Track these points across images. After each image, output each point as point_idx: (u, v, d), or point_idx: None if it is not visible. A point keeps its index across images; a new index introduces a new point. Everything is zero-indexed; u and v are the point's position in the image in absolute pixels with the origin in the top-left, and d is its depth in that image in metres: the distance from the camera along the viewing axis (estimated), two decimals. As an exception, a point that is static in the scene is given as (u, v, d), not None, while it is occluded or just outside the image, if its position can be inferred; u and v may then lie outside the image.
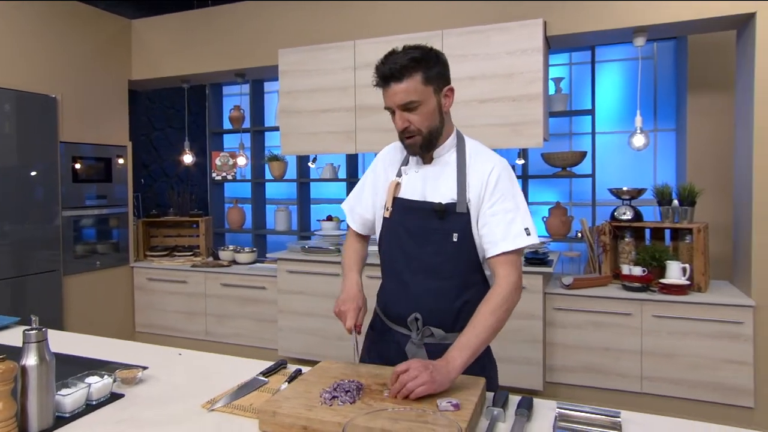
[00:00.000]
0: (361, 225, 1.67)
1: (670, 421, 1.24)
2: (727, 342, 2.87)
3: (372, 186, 1.64)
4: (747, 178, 2.92)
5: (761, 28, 2.75)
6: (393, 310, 1.54)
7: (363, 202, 1.66)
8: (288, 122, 3.74)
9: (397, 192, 1.53)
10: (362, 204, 1.66)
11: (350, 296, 1.50)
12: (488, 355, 1.55)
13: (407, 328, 1.50)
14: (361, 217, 1.67)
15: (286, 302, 3.73)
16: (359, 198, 1.68)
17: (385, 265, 1.59)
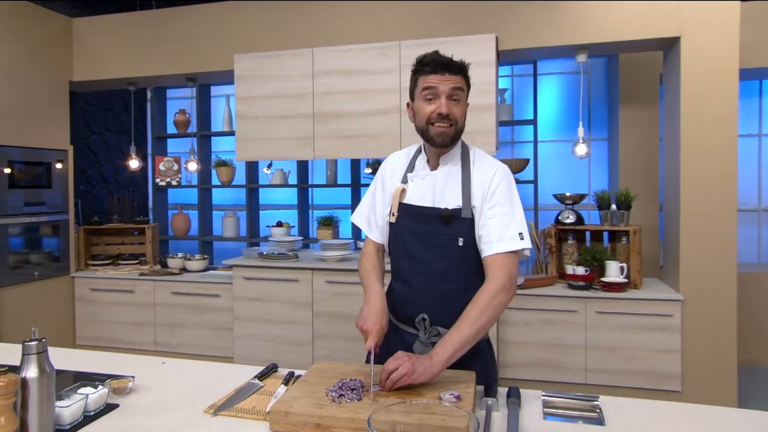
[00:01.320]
0: (380, 234, 1.69)
1: (642, 403, 1.39)
2: (659, 333, 3.16)
3: (382, 194, 1.69)
4: (675, 186, 3.23)
5: (685, 50, 3.07)
6: (401, 311, 1.60)
7: (378, 212, 1.69)
8: (244, 128, 3.71)
9: (403, 198, 1.60)
10: (377, 213, 1.69)
11: (375, 313, 1.49)
12: (491, 353, 1.64)
13: (415, 327, 1.57)
14: (377, 226, 1.69)
15: (242, 309, 3.69)
16: (373, 208, 1.71)
17: (393, 267, 1.66)
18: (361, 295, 3.60)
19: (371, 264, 1.66)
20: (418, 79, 1.54)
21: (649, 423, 1.27)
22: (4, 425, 1.10)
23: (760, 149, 4.51)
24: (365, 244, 1.73)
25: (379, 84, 3.46)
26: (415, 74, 1.55)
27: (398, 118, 3.46)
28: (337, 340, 3.52)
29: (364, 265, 1.68)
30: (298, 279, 3.58)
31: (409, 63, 3.38)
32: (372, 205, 1.71)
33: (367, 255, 1.70)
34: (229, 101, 4.91)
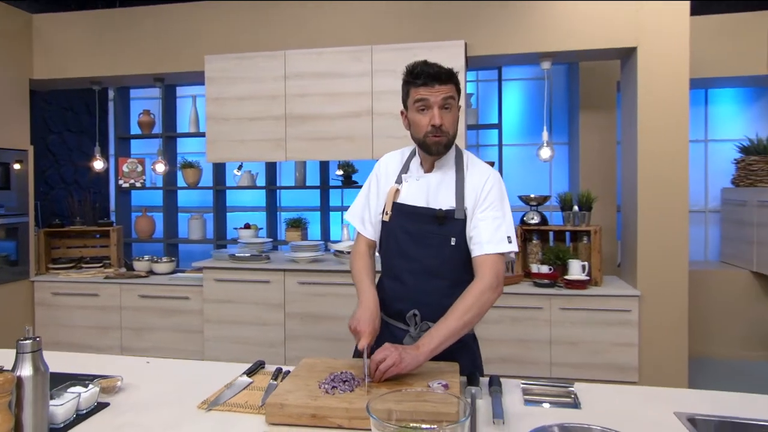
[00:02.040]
0: (373, 231, 1.74)
1: (612, 388, 1.50)
2: (618, 328, 3.33)
3: (376, 194, 1.74)
4: (633, 189, 3.42)
5: (642, 60, 3.26)
6: (392, 307, 1.65)
7: (372, 210, 1.74)
8: (215, 129, 3.70)
9: (396, 197, 1.66)
10: (371, 211, 1.74)
11: (368, 315, 1.52)
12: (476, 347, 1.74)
13: (405, 323, 1.63)
14: (371, 224, 1.74)
15: (212, 311, 3.67)
16: (367, 206, 1.75)
17: (384, 264, 1.71)
18: (334, 295, 3.65)
19: (364, 264, 1.69)
20: (410, 90, 1.58)
21: (620, 404, 1.38)
22: (1, 423, 1.10)
23: (706, 154, 4.81)
24: (357, 242, 1.77)
25: (352, 87, 3.52)
26: (406, 85, 1.59)
27: (370, 120, 3.53)
28: (310, 341, 3.55)
29: (356, 265, 1.71)
30: (270, 280, 3.59)
31: (381, 67, 3.48)
32: (366, 203, 1.76)
33: (359, 253, 1.73)
34: (196, 102, 4.86)
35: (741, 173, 4.42)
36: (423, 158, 1.66)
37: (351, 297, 3.48)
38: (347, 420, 1.24)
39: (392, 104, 3.51)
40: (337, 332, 3.52)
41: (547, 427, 1.25)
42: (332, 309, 3.52)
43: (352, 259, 1.74)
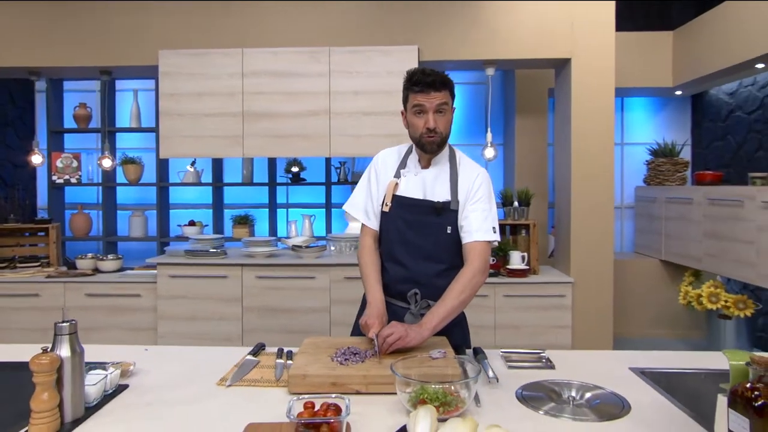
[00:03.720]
0: (376, 222, 1.88)
1: (576, 353, 1.76)
2: (554, 312, 3.68)
3: (376, 186, 1.89)
4: (566, 186, 3.78)
5: (575, 70, 3.63)
6: (394, 288, 1.82)
7: (374, 201, 1.88)
8: (169, 125, 3.67)
9: (396, 190, 1.82)
10: (373, 202, 1.88)
11: (376, 313, 1.68)
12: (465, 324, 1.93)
13: (406, 301, 1.80)
14: (374, 214, 1.88)
15: (167, 308, 3.64)
16: (369, 199, 1.89)
17: (385, 250, 1.86)
18: (291, 288, 3.74)
19: (372, 262, 1.84)
20: (409, 95, 1.75)
21: (585, 364, 1.63)
22: (47, 400, 1.16)
23: (622, 156, 5.35)
24: (363, 236, 1.91)
25: (310, 86, 3.63)
26: (406, 90, 1.76)
27: (327, 119, 3.65)
28: (268, 334, 3.61)
29: (364, 260, 1.86)
30: (228, 275, 3.62)
31: (339, 68, 3.61)
32: (368, 195, 1.90)
33: (366, 248, 1.88)
34: (137, 97, 4.75)
35: (651, 173, 4.97)
36: (420, 155, 1.84)
37: (309, 290, 3.61)
38: (364, 386, 1.39)
39: (349, 104, 3.66)
40: (295, 324, 3.62)
41: (536, 383, 1.47)
42: (290, 302, 3.62)
43: (361, 254, 1.88)
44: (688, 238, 4.31)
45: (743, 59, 3.82)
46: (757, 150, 4.36)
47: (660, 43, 4.67)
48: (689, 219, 4.28)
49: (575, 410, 1.32)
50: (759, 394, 1.00)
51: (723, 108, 4.81)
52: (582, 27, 3.61)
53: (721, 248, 3.87)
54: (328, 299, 3.61)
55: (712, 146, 4.95)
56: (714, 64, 4.15)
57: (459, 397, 1.25)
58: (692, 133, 5.26)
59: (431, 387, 1.26)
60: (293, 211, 5.04)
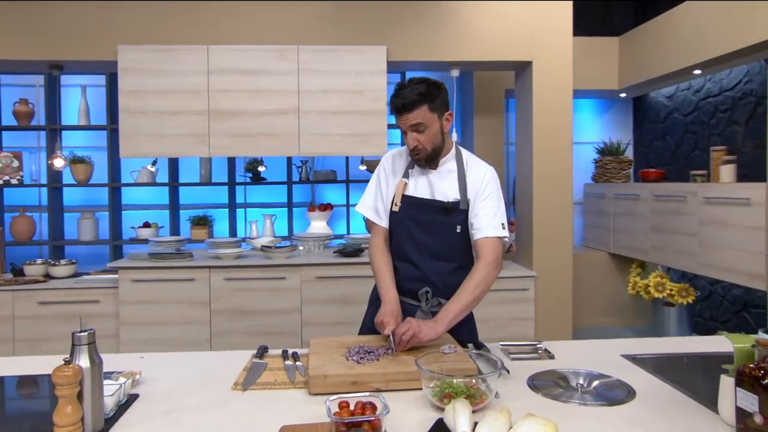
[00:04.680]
0: (387, 222, 1.91)
1: (569, 343, 1.86)
2: (518, 305, 3.83)
3: (385, 185, 1.92)
4: (528, 184, 3.94)
5: (537, 72, 3.79)
6: (405, 286, 1.84)
7: (385, 201, 1.91)
8: (130, 123, 3.51)
9: (405, 191, 1.85)
10: (384, 203, 1.91)
11: (390, 311, 1.71)
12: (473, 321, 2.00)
13: (417, 299, 1.82)
14: (386, 213, 1.91)
15: (130, 314, 3.49)
16: (380, 198, 1.92)
17: (396, 249, 1.89)
18: (261, 289, 3.69)
19: (385, 261, 1.87)
20: (392, 114, 1.81)
21: (581, 353, 1.73)
22: (71, 414, 1.11)
23: (573, 154, 5.60)
24: (375, 235, 1.93)
25: (278, 85, 3.58)
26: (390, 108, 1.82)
27: (296, 118, 3.62)
28: (238, 336, 3.55)
29: (378, 260, 1.88)
30: (195, 278, 3.52)
31: (308, 67, 3.60)
32: (378, 195, 1.93)
33: (378, 247, 1.90)
34: (86, 92, 4.50)
35: (599, 171, 5.25)
36: None
37: (279, 291, 3.58)
38: (384, 383, 1.42)
39: (318, 103, 3.65)
40: (265, 326, 3.57)
41: (544, 372, 1.55)
42: (260, 303, 3.56)
43: (373, 254, 1.90)
44: (635, 231, 4.59)
45: (683, 66, 4.12)
46: (694, 149, 4.70)
47: (607, 48, 4.94)
48: (636, 214, 4.57)
49: (585, 397, 1.40)
50: (765, 372, 1.11)
51: (662, 110, 5.15)
52: (542, 31, 3.77)
53: (666, 241, 4.16)
54: (299, 299, 3.59)
55: (653, 145, 5.30)
56: (656, 70, 4.44)
57: (483, 390, 1.31)
58: (634, 133, 5.60)
59: (455, 381, 1.31)
60: (253, 211, 4.95)
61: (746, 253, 3.36)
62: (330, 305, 3.60)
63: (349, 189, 4.85)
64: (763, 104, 3.93)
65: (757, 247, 3.28)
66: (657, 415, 1.27)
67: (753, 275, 3.33)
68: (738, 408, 1.16)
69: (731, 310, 4.40)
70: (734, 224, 3.46)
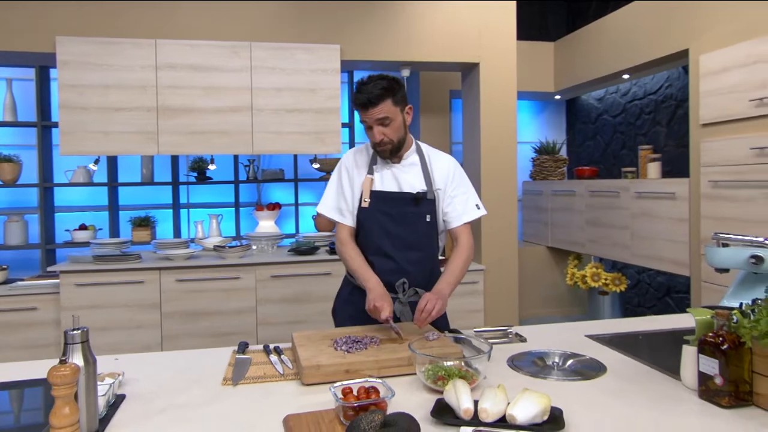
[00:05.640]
0: (352, 219, 1.94)
1: (536, 327, 1.97)
2: (469, 297, 3.97)
3: (348, 184, 1.95)
4: (476, 181, 4.09)
5: (483, 73, 3.95)
6: (381, 278, 1.85)
7: (347, 200, 1.94)
8: (71, 119, 3.33)
9: (373, 186, 1.89)
10: (347, 201, 1.94)
11: (381, 294, 1.75)
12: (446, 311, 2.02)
13: (393, 291, 1.85)
14: (350, 212, 1.94)
15: (72, 320, 3.31)
16: (342, 197, 1.95)
17: (367, 243, 1.92)
18: (214, 290, 3.63)
19: (355, 252, 1.92)
20: (357, 109, 1.85)
21: (550, 336, 1.85)
22: (69, 415, 1.08)
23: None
24: (339, 231, 1.96)
25: (231, 82, 3.52)
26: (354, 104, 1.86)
27: (249, 116, 3.57)
28: (190, 339, 3.45)
29: (348, 253, 1.92)
30: (144, 280, 3.39)
31: (261, 65, 3.57)
32: (340, 194, 1.97)
33: (345, 242, 1.94)
34: (11, 86, 4.20)
35: (536, 169, 5.53)
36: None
37: (233, 291, 3.52)
38: (377, 370, 1.46)
39: (272, 101, 3.62)
40: (219, 327, 3.50)
41: (521, 353, 1.65)
42: (213, 304, 3.49)
43: (341, 248, 1.94)
44: (572, 226, 4.88)
45: (613, 70, 4.43)
46: (622, 148, 5.06)
47: (543, 52, 5.21)
48: (572, 209, 4.85)
49: (562, 373, 1.51)
50: (723, 339, 1.26)
51: (592, 112, 5.50)
52: (487, 34, 3.94)
53: (601, 234, 4.45)
54: (254, 299, 3.54)
55: (585, 145, 5.64)
56: (589, 73, 4.74)
57: (473, 371, 1.38)
58: (567, 133, 5.94)
59: (446, 364, 1.37)
60: (197, 211, 4.81)
61: (672, 242, 3.68)
62: (285, 304, 3.58)
63: (298, 188, 4.82)
64: (683, 107, 4.31)
65: (682, 237, 3.60)
66: (628, 386, 1.40)
67: (678, 263, 3.65)
68: (700, 372, 1.30)
69: (656, 296, 4.78)
70: (662, 216, 3.77)
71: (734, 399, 1.25)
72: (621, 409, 1.26)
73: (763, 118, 2.97)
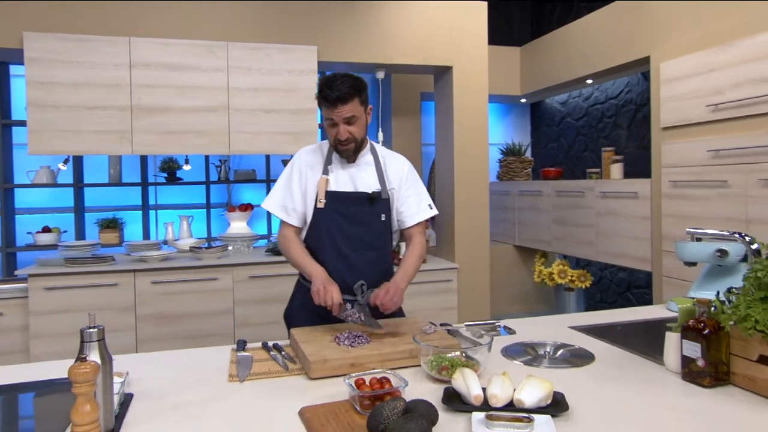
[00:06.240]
0: (297, 219, 1.94)
1: (521, 320, 2.06)
2: (443, 295, 4.06)
3: (299, 184, 1.94)
4: (449, 182, 4.19)
5: (457, 76, 4.04)
6: (337, 280, 1.84)
7: (295, 199, 1.94)
8: (40, 117, 3.22)
9: (328, 186, 1.91)
10: (295, 201, 1.94)
11: (327, 278, 1.78)
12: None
13: (351, 293, 1.86)
14: (295, 211, 1.94)
15: (43, 325, 3.21)
16: (290, 196, 1.94)
17: (323, 245, 1.92)
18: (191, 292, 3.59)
19: (300, 247, 1.93)
20: (321, 106, 1.85)
21: (537, 328, 1.94)
22: (90, 412, 1.08)
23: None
24: (284, 229, 1.96)
25: (207, 81, 3.49)
26: (318, 101, 1.86)
27: (226, 116, 3.55)
28: (166, 342, 3.40)
29: (293, 248, 1.93)
30: (118, 283, 3.32)
31: (238, 65, 3.56)
32: (287, 193, 1.95)
33: (291, 239, 1.94)
34: (-30, 82, 4.03)
35: (503, 170, 5.69)
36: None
37: (210, 292, 3.50)
38: (380, 363, 1.51)
39: (249, 101, 3.61)
40: (196, 329, 3.46)
41: (513, 344, 1.73)
42: (190, 306, 3.45)
43: (286, 244, 1.94)
44: (538, 225, 5.05)
45: (578, 75, 4.62)
46: (584, 150, 5.28)
47: (510, 57, 5.38)
48: (539, 209, 5.02)
49: (554, 362, 1.60)
50: (704, 324, 1.37)
51: (556, 115, 5.70)
52: (460, 38, 4.04)
53: (567, 232, 4.63)
54: (232, 300, 3.52)
55: (548, 147, 5.85)
56: (554, 78, 4.93)
57: (474, 361, 1.45)
58: (532, 135, 6.13)
59: (448, 355, 1.44)
60: (166, 213, 4.73)
61: (635, 239, 3.87)
62: (263, 305, 3.57)
63: (270, 189, 4.80)
64: (642, 111, 4.53)
65: (644, 234, 3.79)
66: (617, 371, 1.50)
67: (641, 259, 3.84)
68: (683, 356, 1.41)
69: (617, 291, 5.00)
70: (625, 215, 3.97)
71: (714, 379, 1.36)
72: (613, 392, 1.36)
73: (718, 123, 3.18)
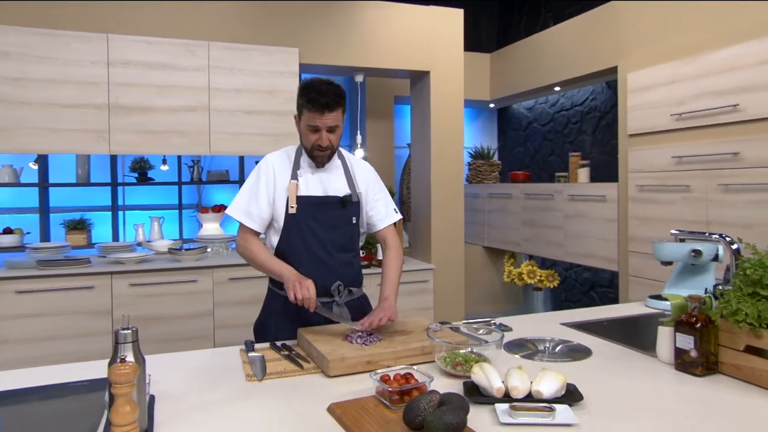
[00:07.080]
0: (260, 225, 1.94)
1: (517, 318, 2.16)
2: (419, 295, 4.14)
3: (266, 189, 1.93)
4: (426, 183, 4.27)
5: (434, 81, 4.14)
6: (316, 283, 1.80)
7: (260, 205, 1.92)
8: (12, 114, 3.10)
9: (298, 192, 1.92)
10: (260, 206, 1.92)
11: (298, 274, 1.79)
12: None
13: (329, 295, 1.90)
14: (260, 218, 1.93)
15: (13, 330, 3.09)
16: (255, 202, 1.92)
17: (297, 249, 1.92)
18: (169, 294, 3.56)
19: (265, 250, 1.93)
20: (304, 110, 1.84)
21: (531, 325, 2.04)
22: (130, 412, 1.08)
23: (447, 158, 6.14)
24: (246, 234, 1.95)
25: (187, 81, 3.44)
26: (300, 104, 1.86)
27: (207, 116, 3.51)
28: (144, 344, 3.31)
29: (258, 252, 1.91)
30: (95, 285, 3.23)
31: (219, 65, 3.54)
32: (253, 198, 1.93)
33: (254, 242, 1.94)
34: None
35: (473, 173, 5.84)
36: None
37: (190, 294, 3.46)
38: (394, 360, 1.56)
39: (230, 101, 3.58)
40: (174, 332, 3.41)
41: (513, 340, 1.81)
42: (169, 308, 3.39)
43: (248, 246, 1.93)
44: (508, 226, 5.21)
45: (547, 83, 4.81)
46: (551, 155, 5.48)
47: (480, 63, 5.52)
48: (508, 211, 5.19)
49: (554, 356, 1.69)
50: (696, 318, 1.49)
51: (523, 120, 5.89)
52: (437, 43, 4.14)
53: (536, 233, 4.80)
54: (212, 302, 3.49)
55: (515, 151, 6.03)
56: (524, 84, 5.10)
57: (485, 356, 1.52)
58: (499, 140, 6.31)
59: (461, 352, 1.51)
60: (134, 214, 4.61)
61: (603, 241, 4.07)
62: (243, 306, 3.55)
63: (244, 190, 4.76)
64: (606, 118, 4.76)
65: (611, 235, 3.99)
66: (614, 364, 1.60)
67: (608, 259, 4.04)
68: (677, 348, 1.53)
69: (581, 290, 5.22)
70: (592, 217, 4.16)
71: (705, 368, 1.48)
72: (615, 383, 1.46)
73: (682, 131, 3.39)
